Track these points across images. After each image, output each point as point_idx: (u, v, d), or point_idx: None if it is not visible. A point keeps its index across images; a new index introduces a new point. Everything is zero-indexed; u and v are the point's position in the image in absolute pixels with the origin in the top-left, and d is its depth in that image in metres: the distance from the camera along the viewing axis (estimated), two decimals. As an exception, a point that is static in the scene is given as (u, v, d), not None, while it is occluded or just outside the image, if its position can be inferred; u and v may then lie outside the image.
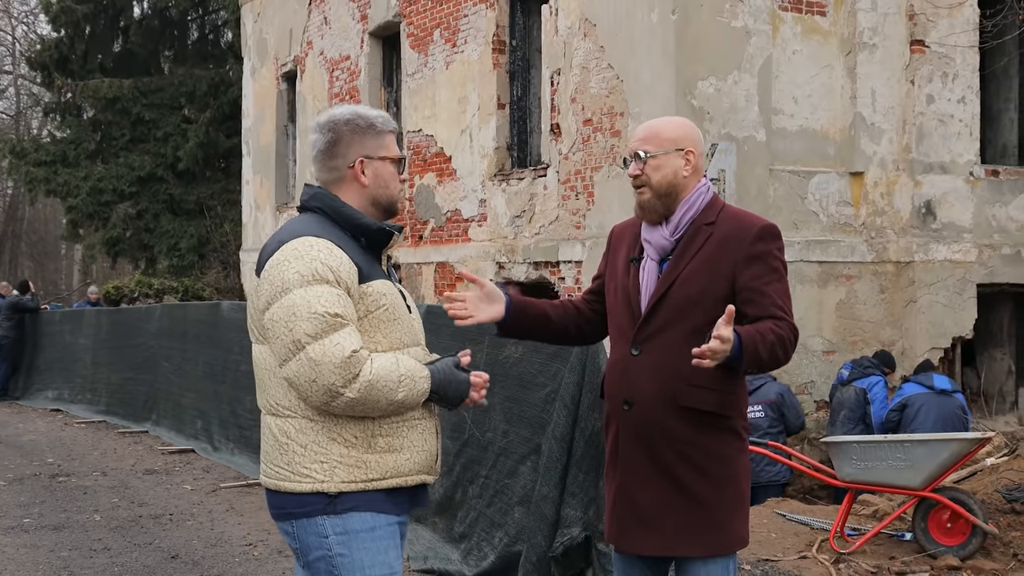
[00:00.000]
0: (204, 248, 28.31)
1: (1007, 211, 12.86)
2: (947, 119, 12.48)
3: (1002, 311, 13.45)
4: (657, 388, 3.78)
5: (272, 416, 3.51)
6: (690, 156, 3.85)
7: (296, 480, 3.42)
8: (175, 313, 13.81)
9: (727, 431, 3.81)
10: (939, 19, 12.38)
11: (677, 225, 3.84)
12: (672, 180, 3.82)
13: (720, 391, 3.76)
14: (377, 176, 3.59)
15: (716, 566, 3.80)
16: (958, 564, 6.78)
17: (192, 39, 32.53)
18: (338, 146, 3.55)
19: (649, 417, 3.80)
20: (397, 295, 3.57)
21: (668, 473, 3.78)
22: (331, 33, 19.22)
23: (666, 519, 3.79)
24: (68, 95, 29.29)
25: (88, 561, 7.33)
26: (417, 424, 3.54)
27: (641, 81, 11.87)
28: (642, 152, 3.83)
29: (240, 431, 11.00)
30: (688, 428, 3.76)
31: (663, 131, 3.86)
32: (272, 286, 3.38)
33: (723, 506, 3.79)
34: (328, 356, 3.27)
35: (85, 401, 16.13)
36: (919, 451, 6.99)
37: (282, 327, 3.34)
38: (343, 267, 3.38)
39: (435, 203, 15.66)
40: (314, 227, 3.46)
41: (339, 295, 3.34)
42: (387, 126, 3.62)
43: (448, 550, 6.98)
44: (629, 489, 3.87)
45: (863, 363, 11.11)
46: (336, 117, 3.58)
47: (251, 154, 23.38)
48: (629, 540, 3.89)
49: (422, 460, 3.56)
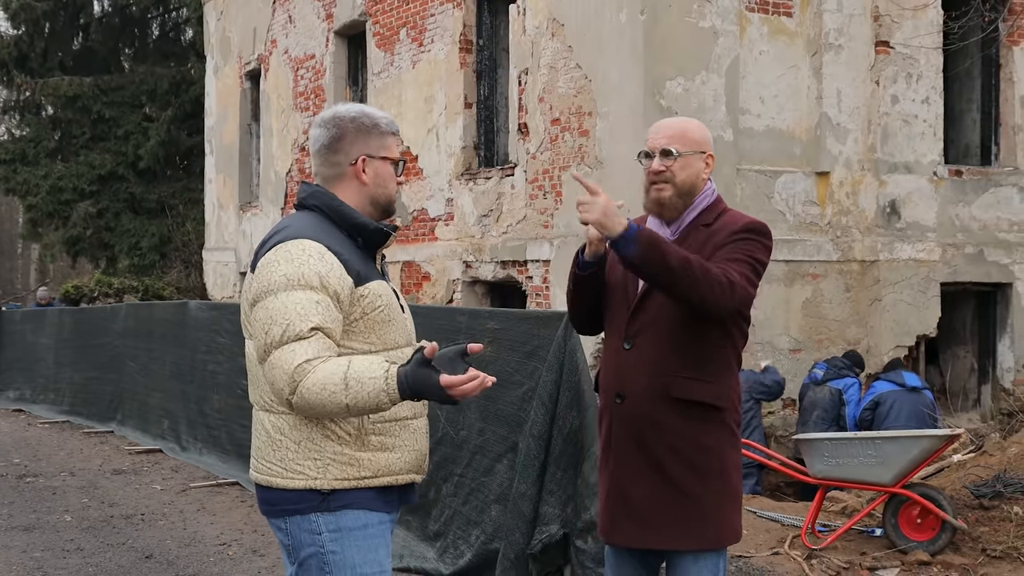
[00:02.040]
0: (165, 247, 28.14)
1: (970, 211, 13.00)
2: (911, 119, 12.60)
3: (965, 309, 13.60)
4: (648, 382, 3.81)
5: (265, 412, 3.51)
6: (710, 160, 3.95)
7: (289, 477, 3.42)
8: (141, 312, 13.72)
9: (718, 424, 3.84)
10: (904, 20, 12.49)
11: (681, 224, 3.91)
12: (694, 181, 3.90)
13: (711, 383, 3.79)
14: (377, 175, 3.59)
15: (707, 561, 3.84)
16: (928, 559, 6.86)
17: (153, 37, 32.36)
18: (341, 142, 3.56)
19: (640, 410, 3.83)
20: (392, 296, 3.58)
21: (659, 467, 3.82)
22: (296, 32, 19.17)
23: (657, 513, 3.82)
24: (27, 93, 29.03)
25: (62, 562, 7.29)
26: (409, 424, 3.55)
27: (609, 81, 11.91)
28: (674, 149, 3.87)
29: (208, 431, 10.95)
30: (679, 421, 3.79)
31: (690, 131, 3.93)
32: (259, 285, 3.40)
33: (714, 500, 3.82)
34: (282, 363, 3.28)
35: (48, 401, 16.00)
36: (890, 448, 7.07)
37: (259, 328, 3.37)
38: (332, 273, 3.37)
39: (401, 202, 15.64)
40: (310, 228, 3.45)
41: (319, 302, 3.33)
42: (391, 128, 3.63)
43: (423, 548, 6.98)
44: (621, 483, 3.90)
45: (837, 363, 11.21)
46: (341, 114, 3.59)
47: (214, 153, 23.27)
48: (620, 533, 3.93)
49: (412, 459, 3.57)
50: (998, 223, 13.17)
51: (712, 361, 3.80)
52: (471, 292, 14.40)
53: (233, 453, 10.30)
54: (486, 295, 14.47)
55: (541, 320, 6.29)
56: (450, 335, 7.03)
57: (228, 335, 10.54)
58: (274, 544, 7.64)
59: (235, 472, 10.02)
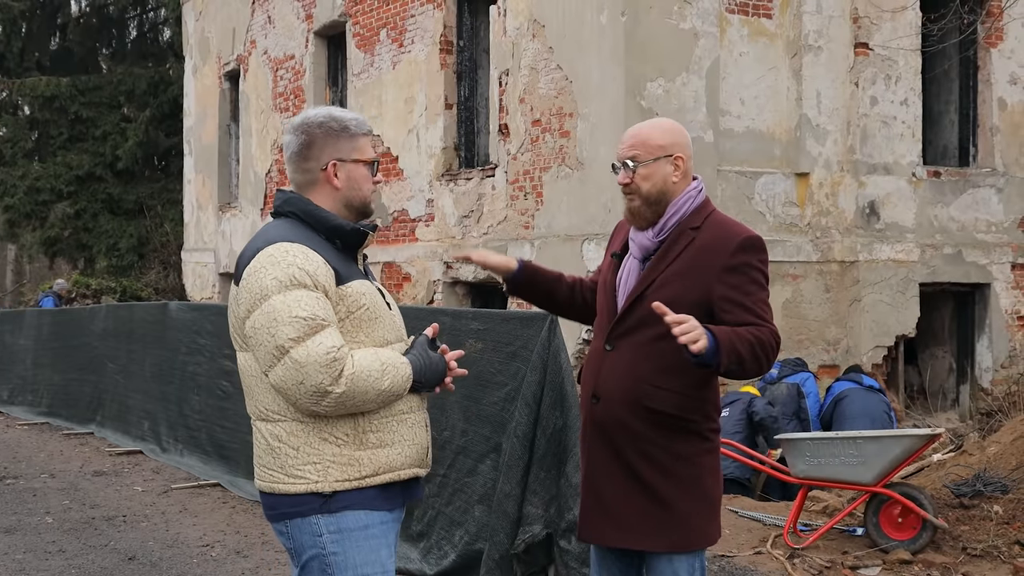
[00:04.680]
0: (144, 248, 28.05)
1: (948, 211, 13.09)
2: (890, 121, 12.68)
3: (944, 310, 13.68)
4: (624, 386, 3.82)
5: (262, 421, 3.51)
6: (679, 162, 3.86)
7: (290, 482, 3.44)
8: (120, 313, 13.66)
9: (689, 433, 3.83)
10: (882, 22, 12.57)
11: (663, 227, 3.87)
12: (661, 187, 3.85)
13: (684, 394, 3.79)
14: (350, 179, 3.60)
15: (681, 563, 3.84)
16: (909, 558, 6.91)
17: (131, 37, 32.26)
18: (311, 149, 3.57)
19: (613, 414, 3.85)
20: (376, 294, 3.59)
21: (630, 469, 3.83)
22: (275, 32, 19.13)
23: (627, 512, 3.84)
24: (4, 93, 28.91)
25: (44, 564, 7.26)
26: (406, 418, 3.57)
27: (590, 82, 11.94)
28: (630, 161, 3.84)
29: (189, 432, 10.91)
30: (650, 428, 3.80)
31: (651, 138, 3.87)
32: (251, 294, 3.40)
33: (684, 504, 3.81)
34: (312, 357, 3.29)
35: (26, 403, 15.91)
36: (871, 447, 7.11)
37: (264, 334, 3.35)
38: (319, 270, 3.40)
39: (381, 203, 15.63)
40: (288, 232, 3.48)
41: (317, 298, 3.36)
42: (361, 128, 3.63)
43: (406, 548, 6.98)
44: (594, 480, 3.93)
45: (790, 361, 11.32)
46: (310, 120, 3.59)
47: (193, 153, 23.21)
48: (592, 530, 3.96)
49: (413, 454, 3.59)
50: (976, 224, 13.27)
51: (688, 373, 3.75)
52: (452, 293, 14.41)
53: (214, 454, 10.27)
54: (467, 295, 14.47)
55: (524, 320, 6.29)
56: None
57: (209, 336, 10.50)
58: (257, 545, 7.63)
59: (216, 473, 9.99)
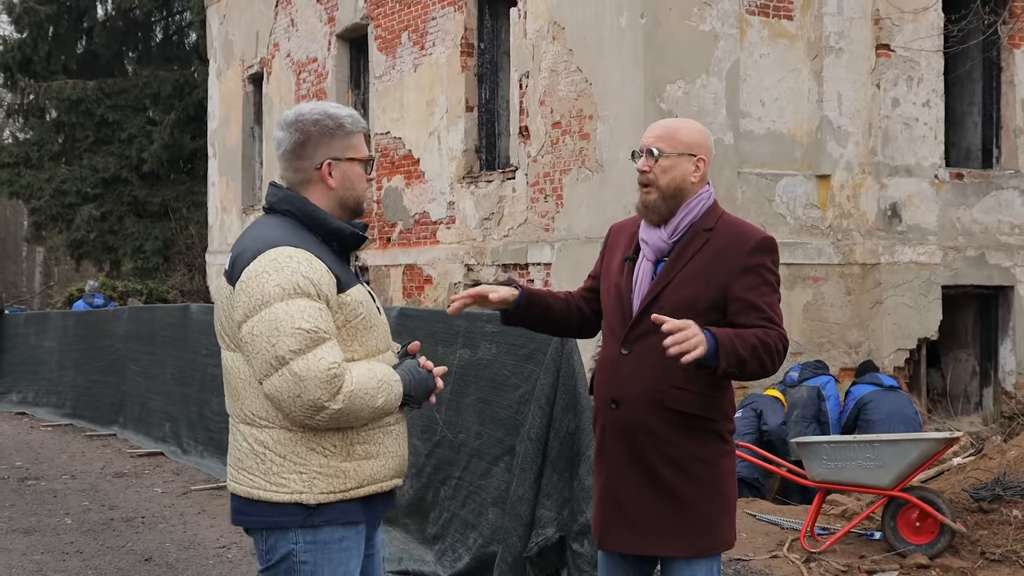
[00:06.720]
0: (169, 250, 28.18)
1: (971, 213, 13.00)
2: (912, 122, 12.60)
3: (966, 313, 13.59)
4: (644, 389, 3.79)
5: (247, 425, 3.43)
6: (700, 163, 3.85)
7: (272, 490, 3.36)
8: (143, 316, 13.74)
9: (710, 434, 3.82)
10: (904, 23, 12.50)
11: (676, 228, 3.84)
12: (680, 184, 3.82)
13: (705, 394, 3.77)
14: (344, 178, 3.51)
15: (700, 567, 3.82)
16: (927, 562, 6.85)
17: (156, 40, 32.40)
18: (305, 147, 3.47)
19: (634, 417, 3.81)
20: (370, 300, 3.53)
21: (651, 473, 3.80)
22: (298, 35, 19.18)
23: (649, 519, 3.81)
24: (31, 96, 29.09)
25: (61, 564, 7.30)
26: (392, 430, 3.53)
27: (610, 84, 11.92)
28: (655, 149, 3.82)
29: (209, 434, 10.96)
30: (672, 430, 3.77)
31: (679, 133, 3.85)
32: (250, 298, 3.30)
33: (706, 507, 3.80)
34: (313, 372, 3.21)
35: (51, 404, 16.00)
36: (889, 451, 7.07)
37: (263, 342, 3.26)
38: (323, 279, 3.32)
39: (403, 205, 15.66)
40: (288, 234, 3.38)
41: (319, 309, 3.28)
42: (356, 126, 3.54)
43: (422, 551, 6.99)
44: (613, 488, 3.88)
45: (811, 364, 11.27)
46: (304, 116, 3.49)
47: (217, 156, 23.29)
48: (613, 539, 3.90)
49: (395, 465, 3.56)
50: (999, 226, 13.18)
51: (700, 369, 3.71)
52: (472, 295, 14.37)
53: (234, 456, 10.30)
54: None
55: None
56: (448, 338, 7.06)
57: (229, 338, 10.53)
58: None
59: (236, 475, 10.01)
